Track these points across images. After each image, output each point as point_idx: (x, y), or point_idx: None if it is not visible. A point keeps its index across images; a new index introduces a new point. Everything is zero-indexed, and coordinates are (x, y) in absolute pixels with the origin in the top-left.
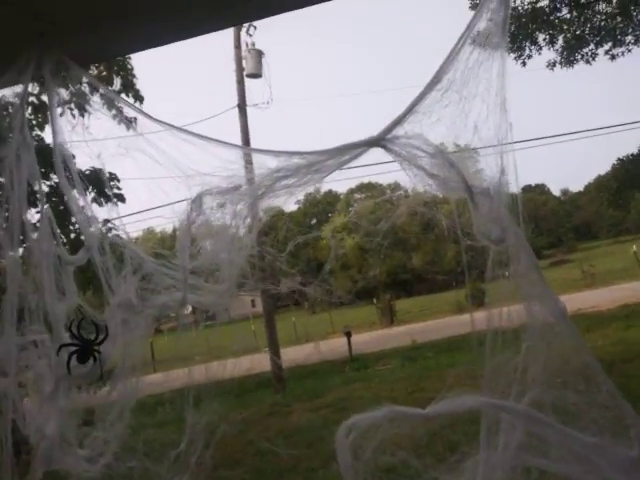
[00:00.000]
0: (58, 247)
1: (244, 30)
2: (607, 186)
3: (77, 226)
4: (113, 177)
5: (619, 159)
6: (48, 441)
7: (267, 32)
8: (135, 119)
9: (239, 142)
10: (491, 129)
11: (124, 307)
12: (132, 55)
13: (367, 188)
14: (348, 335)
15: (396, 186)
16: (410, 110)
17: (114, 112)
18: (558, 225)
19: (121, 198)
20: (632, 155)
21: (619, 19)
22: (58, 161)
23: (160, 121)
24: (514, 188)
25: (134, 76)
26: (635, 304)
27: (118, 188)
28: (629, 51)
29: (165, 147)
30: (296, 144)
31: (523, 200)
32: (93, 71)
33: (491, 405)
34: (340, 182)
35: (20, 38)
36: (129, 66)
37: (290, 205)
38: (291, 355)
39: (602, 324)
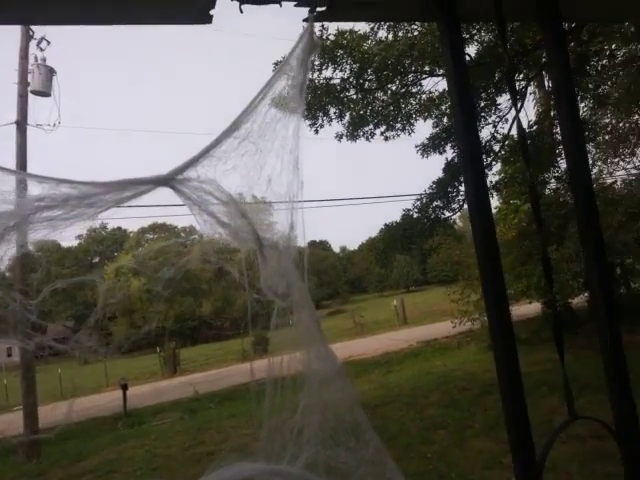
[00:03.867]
0: None
1: (34, 42)
2: (376, 247)
3: None
4: None
5: (385, 224)
6: None
7: (60, 52)
8: None
9: (14, 164)
10: (284, 185)
11: None
12: None
13: (160, 229)
14: (124, 388)
15: (191, 229)
16: (205, 153)
17: None
18: (336, 278)
19: None
20: (395, 222)
21: (391, 108)
22: None
23: None
24: (301, 243)
25: None
26: (394, 352)
27: None
28: (398, 135)
29: None
30: (80, 175)
31: (308, 254)
32: None
33: (265, 472)
34: (130, 220)
35: None
36: None
37: (69, 239)
38: (55, 413)
39: (367, 370)
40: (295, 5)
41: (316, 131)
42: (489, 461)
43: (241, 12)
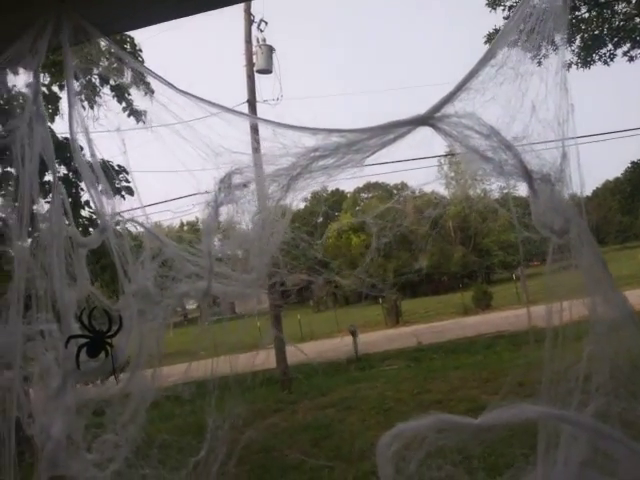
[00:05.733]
0: (70, 228)
1: (255, 25)
2: (620, 189)
3: (86, 220)
4: (122, 169)
5: (633, 162)
6: (53, 443)
7: (278, 29)
8: (145, 112)
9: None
10: (550, 110)
11: (140, 296)
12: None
13: (374, 187)
14: (353, 334)
15: (403, 186)
16: (461, 87)
17: (124, 105)
18: None
19: (130, 191)
20: None
21: (638, 20)
22: (73, 134)
23: (188, 93)
24: (576, 176)
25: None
26: None
27: (127, 181)
28: None
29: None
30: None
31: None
32: (104, 62)
33: (551, 416)
34: (346, 181)
35: (38, 1)
36: (140, 58)
37: (298, 203)
38: (296, 353)
39: None
40: None
41: (539, 62)
42: None
43: None
